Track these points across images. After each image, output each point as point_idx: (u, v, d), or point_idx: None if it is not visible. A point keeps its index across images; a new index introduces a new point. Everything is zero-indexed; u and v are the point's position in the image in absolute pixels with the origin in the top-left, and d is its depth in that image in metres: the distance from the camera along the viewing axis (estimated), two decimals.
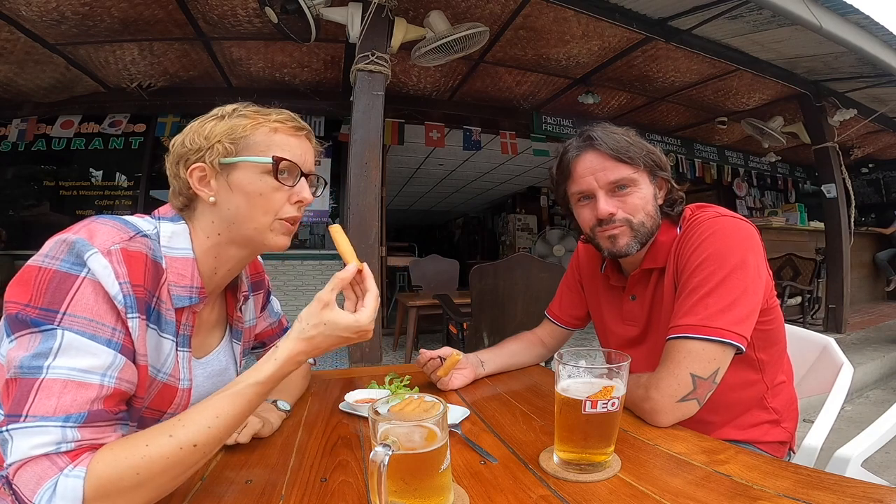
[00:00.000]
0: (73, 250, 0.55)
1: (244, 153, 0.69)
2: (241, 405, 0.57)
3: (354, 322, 0.63)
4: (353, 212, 2.37)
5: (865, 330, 4.68)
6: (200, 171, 0.68)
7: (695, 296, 0.79)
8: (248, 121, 0.70)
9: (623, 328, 1.00)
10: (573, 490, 0.57)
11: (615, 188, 0.89)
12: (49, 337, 0.51)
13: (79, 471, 0.47)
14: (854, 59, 3.67)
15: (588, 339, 3.97)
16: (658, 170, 0.92)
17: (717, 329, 0.76)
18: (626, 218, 0.89)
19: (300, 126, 0.74)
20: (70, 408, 0.49)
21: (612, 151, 0.87)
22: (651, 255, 0.93)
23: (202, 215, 0.70)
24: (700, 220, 0.88)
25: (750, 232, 0.85)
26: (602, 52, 3.95)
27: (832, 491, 0.52)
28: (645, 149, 0.90)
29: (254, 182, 0.69)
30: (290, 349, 0.60)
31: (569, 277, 1.20)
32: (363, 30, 2.51)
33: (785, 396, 0.94)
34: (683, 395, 0.75)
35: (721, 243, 0.82)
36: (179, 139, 0.71)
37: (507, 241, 9.69)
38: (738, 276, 0.79)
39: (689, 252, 0.85)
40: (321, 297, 0.63)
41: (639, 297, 0.96)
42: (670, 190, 0.94)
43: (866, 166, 7.63)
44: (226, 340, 0.82)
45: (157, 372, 0.64)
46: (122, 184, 4.67)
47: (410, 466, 0.50)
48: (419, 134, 5.02)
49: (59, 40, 3.50)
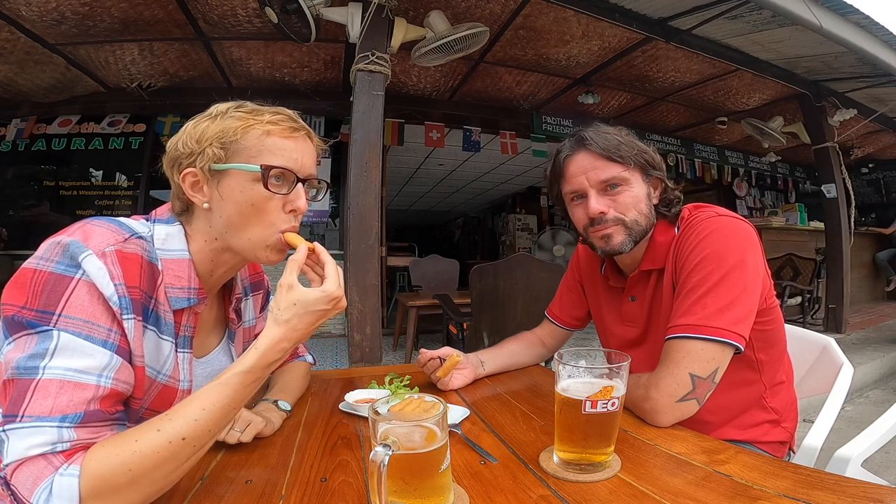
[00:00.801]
0: (68, 252, 0.55)
1: (234, 159, 0.65)
2: (228, 395, 0.56)
3: (322, 293, 0.62)
4: (353, 212, 2.37)
5: (865, 330, 4.68)
6: (192, 177, 0.66)
7: (693, 295, 0.80)
8: (240, 123, 0.65)
9: (623, 329, 1.00)
10: (573, 490, 0.57)
11: (606, 187, 0.90)
12: (45, 338, 0.51)
13: (73, 469, 0.47)
14: (854, 59, 3.68)
15: (588, 340, 3.96)
16: (651, 169, 0.92)
17: (716, 329, 0.76)
18: (618, 216, 0.90)
19: (297, 126, 0.69)
20: (66, 408, 0.50)
21: (602, 151, 0.88)
22: (649, 256, 0.93)
23: (199, 219, 0.69)
24: (698, 219, 0.88)
25: (748, 231, 0.85)
26: (602, 52, 3.95)
27: (832, 491, 0.52)
28: (636, 148, 0.91)
29: (245, 191, 0.65)
30: (269, 337, 0.60)
31: (569, 278, 1.20)
32: (363, 30, 2.51)
33: (784, 396, 0.95)
34: (683, 395, 0.75)
35: (719, 243, 0.82)
36: (174, 141, 0.69)
37: (507, 241, 9.69)
38: (736, 276, 0.79)
39: (687, 252, 0.85)
40: (283, 282, 0.62)
41: (638, 298, 0.97)
42: (665, 189, 0.95)
43: (866, 166, 7.63)
44: (225, 340, 0.82)
45: (157, 374, 0.64)
46: (122, 184, 4.67)
47: (410, 466, 0.50)
48: (419, 134, 5.02)
49: (59, 40, 3.50)
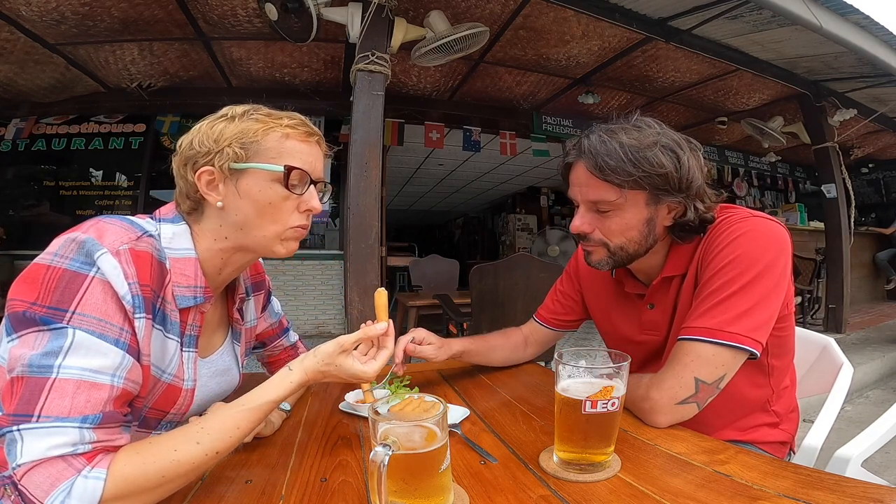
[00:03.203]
0: (83, 249, 0.55)
1: (255, 159, 0.67)
2: (257, 419, 0.61)
3: (361, 372, 0.68)
4: (353, 212, 2.37)
5: (865, 330, 4.68)
6: (209, 175, 0.67)
7: (716, 297, 0.75)
8: (260, 125, 0.68)
9: (644, 337, 0.94)
10: (573, 490, 0.57)
11: (595, 207, 0.83)
12: (59, 335, 0.50)
13: (98, 472, 0.47)
14: (854, 59, 3.68)
15: (588, 339, 3.96)
16: (665, 192, 0.78)
17: (734, 334, 0.72)
18: (602, 240, 0.84)
19: (312, 132, 0.73)
20: (85, 409, 0.49)
21: (595, 169, 0.78)
22: (672, 262, 0.87)
23: (209, 218, 0.70)
24: (730, 220, 0.81)
25: (782, 234, 0.79)
26: (602, 52, 3.95)
27: (832, 491, 0.52)
28: (647, 165, 0.76)
29: (263, 190, 0.68)
30: (302, 378, 0.65)
31: (564, 281, 1.16)
32: (363, 30, 2.51)
33: (788, 400, 0.94)
34: (684, 398, 0.74)
35: (751, 244, 0.76)
36: (187, 140, 0.69)
37: (507, 241, 9.69)
38: (764, 281, 0.74)
39: (715, 252, 0.79)
40: (342, 342, 0.67)
41: (658, 306, 0.90)
42: (685, 211, 0.80)
43: (866, 166, 7.63)
44: (229, 340, 0.82)
45: (162, 373, 0.64)
46: (122, 184, 4.68)
47: (410, 466, 0.50)
48: (419, 134, 5.02)
49: (59, 40, 3.50)
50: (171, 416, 0.68)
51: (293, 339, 1.03)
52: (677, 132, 0.83)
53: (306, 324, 4.80)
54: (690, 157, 0.79)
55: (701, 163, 0.81)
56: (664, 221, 0.83)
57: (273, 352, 1.00)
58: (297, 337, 1.05)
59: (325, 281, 4.90)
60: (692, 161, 0.79)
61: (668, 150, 0.78)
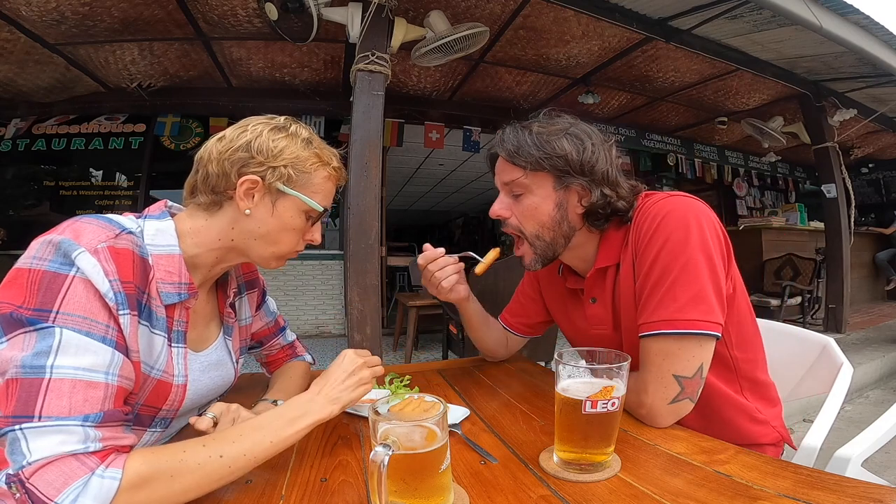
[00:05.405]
0: (60, 250, 0.55)
1: (302, 189, 0.73)
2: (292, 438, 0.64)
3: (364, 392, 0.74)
4: (353, 212, 2.37)
5: (865, 330, 4.68)
6: (252, 184, 0.69)
7: (661, 287, 0.76)
8: (316, 159, 0.74)
9: (595, 331, 0.94)
10: (573, 490, 0.57)
11: (510, 191, 0.88)
12: (46, 335, 0.50)
13: (113, 472, 0.48)
14: (854, 59, 3.68)
15: None
16: (570, 175, 0.82)
17: (691, 321, 0.72)
18: (518, 226, 0.87)
19: (343, 176, 0.80)
20: (84, 408, 0.50)
21: (507, 155, 0.85)
22: (604, 253, 0.88)
23: (223, 217, 0.71)
24: (650, 204, 0.83)
25: (700, 208, 0.79)
26: (602, 52, 3.95)
27: (832, 491, 0.52)
28: (549, 149, 0.81)
29: (294, 217, 0.74)
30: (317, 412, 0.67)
31: (525, 285, 1.16)
32: (363, 30, 2.51)
33: (765, 397, 0.92)
34: (674, 397, 0.74)
35: (675, 224, 0.77)
36: (243, 138, 0.70)
37: (507, 241, 9.65)
38: (698, 260, 0.74)
39: (645, 240, 0.80)
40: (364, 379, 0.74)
41: (599, 299, 0.91)
42: (595, 198, 0.82)
43: (866, 166, 7.64)
44: (222, 335, 0.82)
45: (151, 369, 0.64)
46: (122, 184, 4.68)
47: (410, 466, 0.50)
48: (419, 134, 5.02)
49: (59, 40, 3.50)
50: (163, 413, 0.68)
51: (290, 339, 1.03)
52: (595, 127, 0.87)
53: (306, 324, 4.80)
54: (600, 147, 0.84)
55: (612, 154, 0.86)
56: (576, 209, 0.86)
57: (270, 351, 1.01)
58: (294, 336, 1.05)
59: (325, 281, 4.91)
60: (600, 150, 0.84)
61: (575, 137, 0.83)
